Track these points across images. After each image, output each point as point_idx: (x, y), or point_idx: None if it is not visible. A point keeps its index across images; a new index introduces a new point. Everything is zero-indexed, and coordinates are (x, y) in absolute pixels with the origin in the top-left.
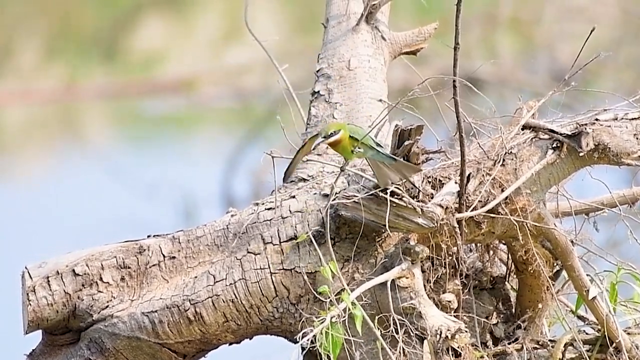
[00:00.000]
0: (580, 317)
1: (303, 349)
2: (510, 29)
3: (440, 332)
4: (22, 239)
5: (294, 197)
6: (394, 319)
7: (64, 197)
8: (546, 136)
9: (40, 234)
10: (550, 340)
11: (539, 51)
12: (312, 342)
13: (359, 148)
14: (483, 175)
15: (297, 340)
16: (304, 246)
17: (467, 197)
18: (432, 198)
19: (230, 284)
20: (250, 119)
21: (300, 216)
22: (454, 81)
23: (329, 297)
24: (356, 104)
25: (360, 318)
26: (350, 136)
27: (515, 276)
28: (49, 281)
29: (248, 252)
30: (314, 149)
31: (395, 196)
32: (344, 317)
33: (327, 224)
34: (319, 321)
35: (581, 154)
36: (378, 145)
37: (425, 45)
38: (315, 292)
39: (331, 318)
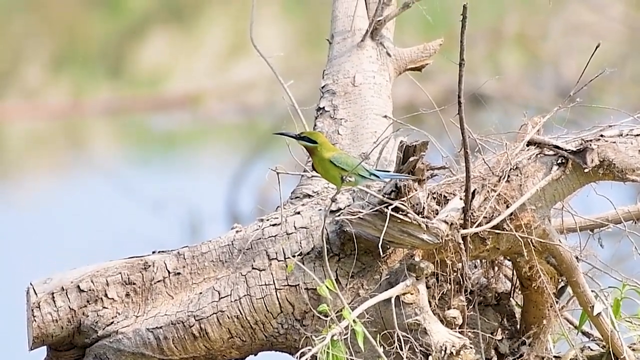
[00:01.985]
0: (585, 333)
1: None
2: (516, 45)
3: (445, 348)
4: (27, 254)
5: (298, 213)
6: (398, 335)
7: (70, 213)
8: (551, 152)
9: (45, 250)
10: (555, 357)
11: (544, 67)
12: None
13: (349, 177)
14: (488, 191)
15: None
16: (308, 262)
17: (472, 213)
18: (437, 214)
19: (235, 300)
20: (256, 135)
21: (305, 232)
22: (459, 97)
23: (330, 315)
24: (361, 120)
25: (362, 334)
26: (332, 163)
27: (520, 292)
28: (53, 297)
29: (253, 268)
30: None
31: (400, 212)
32: (346, 334)
33: (324, 243)
34: (319, 340)
35: (586, 170)
36: (372, 174)
37: (430, 61)
38: (316, 311)
39: (332, 336)
